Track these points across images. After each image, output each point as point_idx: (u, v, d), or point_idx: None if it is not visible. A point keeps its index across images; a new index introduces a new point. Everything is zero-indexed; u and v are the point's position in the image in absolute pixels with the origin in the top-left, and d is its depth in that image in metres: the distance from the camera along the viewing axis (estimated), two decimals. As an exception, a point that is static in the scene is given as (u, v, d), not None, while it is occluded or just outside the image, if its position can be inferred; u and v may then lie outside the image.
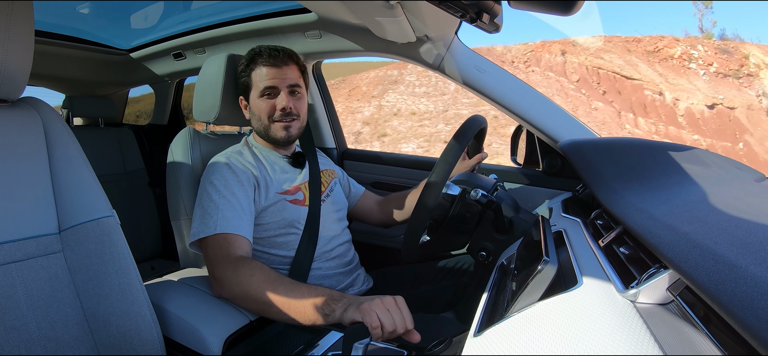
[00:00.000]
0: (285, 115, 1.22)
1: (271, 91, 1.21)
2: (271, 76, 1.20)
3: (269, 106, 1.22)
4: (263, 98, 1.22)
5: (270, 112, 1.22)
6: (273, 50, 1.22)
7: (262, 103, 1.22)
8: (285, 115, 1.22)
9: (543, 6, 0.66)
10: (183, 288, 1.05)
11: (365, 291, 1.33)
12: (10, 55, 0.78)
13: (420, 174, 1.77)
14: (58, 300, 0.80)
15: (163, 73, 2.35)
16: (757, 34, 18.40)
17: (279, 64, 1.21)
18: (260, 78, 1.21)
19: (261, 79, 1.21)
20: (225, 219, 1.04)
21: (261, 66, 1.21)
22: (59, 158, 0.87)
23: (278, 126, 1.23)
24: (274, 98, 1.22)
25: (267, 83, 1.20)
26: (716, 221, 0.56)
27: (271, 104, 1.22)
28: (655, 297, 0.53)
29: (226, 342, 0.88)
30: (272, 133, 1.24)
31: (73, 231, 0.83)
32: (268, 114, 1.22)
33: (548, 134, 1.35)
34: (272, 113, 1.22)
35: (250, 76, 1.23)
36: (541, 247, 0.70)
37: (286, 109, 1.21)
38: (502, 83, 1.38)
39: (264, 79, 1.20)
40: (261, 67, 1.21)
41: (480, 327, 0.66)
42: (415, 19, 1.18)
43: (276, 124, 1.23)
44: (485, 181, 1.21)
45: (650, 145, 1.12)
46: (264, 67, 1.21)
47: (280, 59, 1.21)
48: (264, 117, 1.22)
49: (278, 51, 1.22)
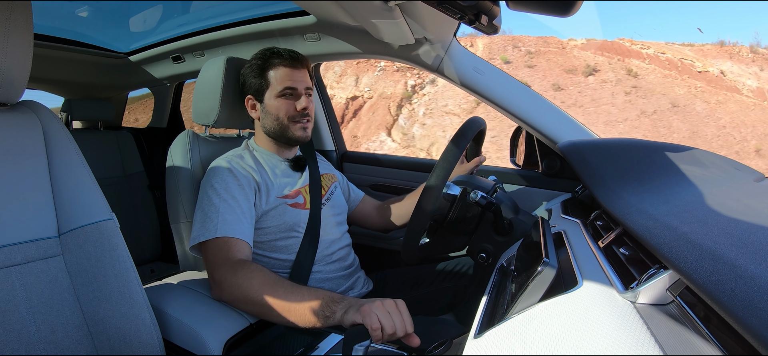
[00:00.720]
0: (303, 116, 1.24)
1: (291, 92, 1.22)
2: (291, 77, 1.22)
3: (289, 106, 1.22)
4: (282, 98, 1.22)
5: (289, 112, 1.23)
6: (293, 52, 1.24)
7: (281, 102, 1.22)
8: (303, 116, 1.24)
9: (541, 7, 0.66)
10: (183, 291, 1.05)
11: (365, 294, 1.33)
12: (9, 58, 0.78)
13: (419, 176, 1.77)
14: (58, 304, 0.79)
15: (162, 76, 2.35)
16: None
17: (297, 67, 1.23)
18: (279, 78, 1.22)
19: (280, 79, 1.22)
20: (225, 222, 1.04)
21: (280, 66, 1.22)
22: (58, 161, 0.87)
23: (297, 126, 1.24)
24: (293, 99, 1.23)
25: (288, 84, 1.21)
26: (716, 221, 0.56)
27: (291, 104, 1.23)
28: (654, 298, 0.53)
29: (226, 345, 0.88)
30: (290, 132, 1.24)
31: (72, 234, 0.83)
32: (288, 114, 1.23)
33: (547, 135, 1.36)
34: (292, 113, 1.23)
35: (266, 76, 1.23)
36: (540, 248, 0.70)
37: (306, 109, 1.23)
38: (500, 85, 1.39)
39: (284, 79, 1.21)
40: (280, 68, 1.22)
41: (480, 329, 0.66)
42: (414, 21, 1.19)
43: (296, 125, 1.24)
44: (484, 183, 1.22)
45: (649, 146, 1.12)
46: (283, 68, 1.22)
47: (299, 62, 1.23)
48: (283, 116, 1.22)
49: (297, 54, 1.24)
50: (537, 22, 31.73)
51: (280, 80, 1.21)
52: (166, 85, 2.55)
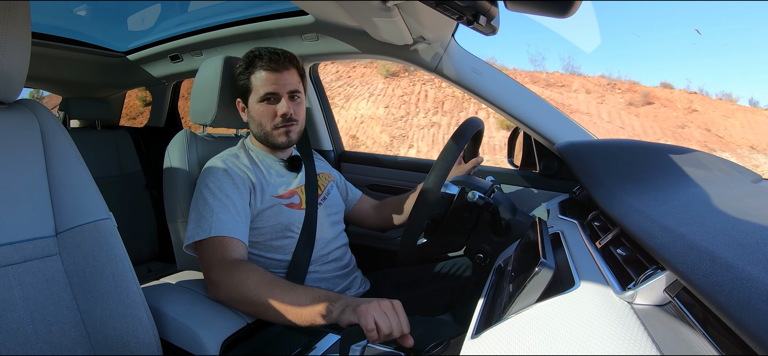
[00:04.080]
0: (285, 121, 1.21)
1: (271, 97, 1.20)
2: (272, 81, 1.19)
3: (270, 111, 1.20)
4: (263, 103, 1.20)
5: (270, 118, 1.21)
6: (273, 54, 1.20)
7: (262, 108, 1.20)
8: (285, 121, 1.21)
9: (540, 8, 0.66)
10: (180, 290, 1.05)
11: (362, 294, 1.33)
12: (7, 57, 0.78)
13: (417, 176, 1.77)
14: (55, 303, 0.79)
15: (160, 75, 2.35)
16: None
17: (279, 69, 1.19)
18: (260, 82, 1.19)
19: (261, 83, 1.19)
20: (220, 222, 1.04)
21: (261, 70, 1.19)
22: (56, 160, 0.86)
23: (279, 132, 1.22)
24: (274, 104, 1.20)
25: (268, 89, 1.19)
26: (713, 222, 0.56)
27: (271, 110, 1.20)
28: (652, 299, 0.53)
29: (223, 345, 0.88)
30: (273, 138, 1.23)
31: (69, 233, 0.83)
32: (269, 120, 1.21)
33: (545, 136, 1.36)
34: (273, 119, 1.21)
35: (250, 79, 1.21)
36: (538, 249, 0.71)
37: (287, 115, 1.20)
38: (499, 85, 1.39)
39: (264, 84, 1.19)
40: (261, 71, 1.19)
41: (477, 329, 0.66)
42: (412, 21, 1.19)
43: (277, 130, 1.22)
44: (482, 183, 1.22)
45: (647, 147, 1.12)
46: (264, 71, 1.19)
47: (281, 63, 1.19)
48: (265, 122, 1.21)
49: (279, 54, 1.20)
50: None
51: (262, 84, 1.19)
52: (163, 84, 2.55)
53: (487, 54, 14.42)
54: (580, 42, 2.46)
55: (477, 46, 23.81)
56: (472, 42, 10.66)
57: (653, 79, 16.78)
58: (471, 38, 13.03)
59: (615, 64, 25.38)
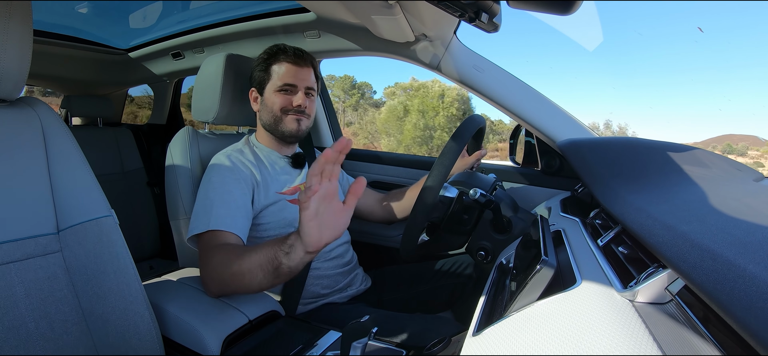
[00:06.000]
0: (298, 111, 1.24)
1: (289, 88, 1.24)
2: (292, 73, 1.23)
3: (285, 100, 1.24)
4: (281, 92, 1.24)
5: (284, 106, 1.24)
6: (298, 50, 1.26)
7: (278, 97, 1.24)
8: (298, 111, 1.24)
9: (542, 5, 0.66)
10: (182, 287, 1.05)
11: (364, 291, 1.33)
12: (9, 54, 0.78)
13: (419, 173, 1.77)
14: (57, 300, 0.79)
15: (162, 72, 2.35)
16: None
17: (301, 64, 1.24)
18: (280, 73, 1.23)
19: (281, 74, 1.23)
20: (218, 216, 1.05)
21: (284, 62, 1.24)
22: (57, 158, 0.86)
23: (291, 118, 1.25)
24: (291, 95, 1.24)
25: (287, 80, 1.23)
26: (715, 220, 0.56)
27: (288, 99, 1.24)
28: (653, 297, 0.53)
29: (224, 342, 0.88)
30: (283, 125, 1.25)
31: (71, 231, 0.83)
32: (282, 107, 1.24)
33: (547, 134, 1.35)
34: (286, 107, 1.24)
35: (268, 70, 1.25)
36: (539, 247, 0.70)
37: (301, 106, 1.24)
38: (500, 83, 1.38)
39: (284, 75, 1.23)
40: (283, 63, 1.24)
41: (479, 327, 0.66)
42: (414, 18, 1.18)
43: (289, 117, 1.25)
44: (484, 181, 1.22)
45: (648, 145, 1.12)
46: (286, 64, 1.23)
47: (303, 60, 1.25)
48: (277, 109, 1.24)
49: (302, 52, 1.26)
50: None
51: (282, 76, 1.23)
52: (165, 81, 2.55)
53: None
54: (582, 40, 2.46)
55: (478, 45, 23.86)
56: (474, 40, 10.68)
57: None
58: (473, 36, 12.96)
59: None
